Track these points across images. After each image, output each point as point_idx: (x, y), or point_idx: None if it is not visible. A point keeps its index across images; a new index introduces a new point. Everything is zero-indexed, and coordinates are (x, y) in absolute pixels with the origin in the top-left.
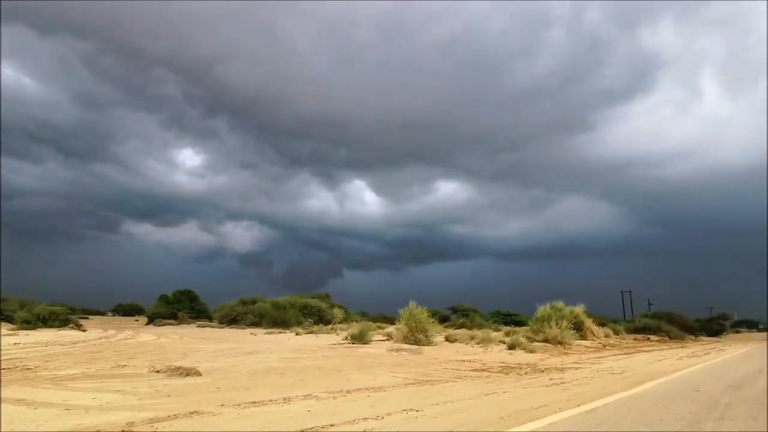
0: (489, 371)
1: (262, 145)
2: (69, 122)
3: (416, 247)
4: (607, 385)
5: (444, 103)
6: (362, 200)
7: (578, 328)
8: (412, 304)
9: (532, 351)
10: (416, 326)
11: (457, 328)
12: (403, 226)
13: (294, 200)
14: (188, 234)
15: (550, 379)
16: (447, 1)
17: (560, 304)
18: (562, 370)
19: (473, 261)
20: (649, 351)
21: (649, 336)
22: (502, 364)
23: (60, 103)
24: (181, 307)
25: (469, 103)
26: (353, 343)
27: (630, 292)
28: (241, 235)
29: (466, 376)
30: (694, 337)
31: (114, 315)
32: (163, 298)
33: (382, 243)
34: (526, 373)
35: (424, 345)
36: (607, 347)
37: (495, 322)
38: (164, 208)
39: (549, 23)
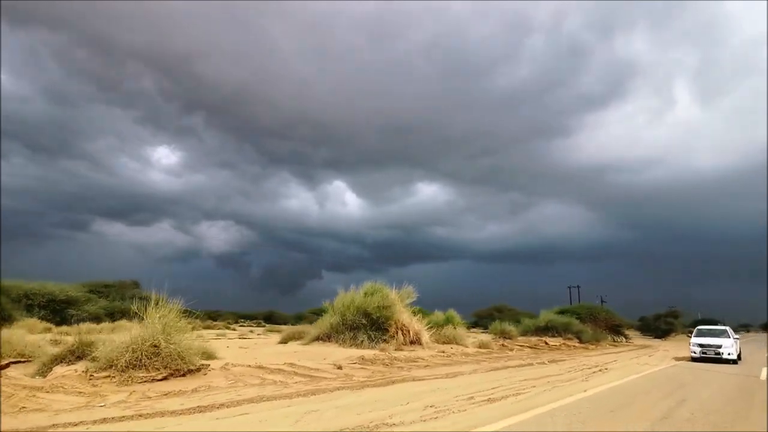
0: None
1: (241, 144)
2: (38, 117)
3: (396, 248)
4: None
5: (425, 106)
6: (343, 201)
7: (379, 328)
8: None
9: None
10: None
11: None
12: (383, 228)
13: (273, 200)
14: (162, 234)
15: None
16: (429, 4)
17: (378, 286)
18: None
19: (452, 263)
20: (410, 380)
21: (547, 340)
22: None
23: (28, 97)
24: None
25: (450, 106)
26: None
27: (578, 287)
28: (218, 236)
29: None
30: (624, 339)
31: None
32: None
33: (363, 244)
34: None
35: None
36: (356, 367)
37: None
38: (137, 207)
39: (530, 29)
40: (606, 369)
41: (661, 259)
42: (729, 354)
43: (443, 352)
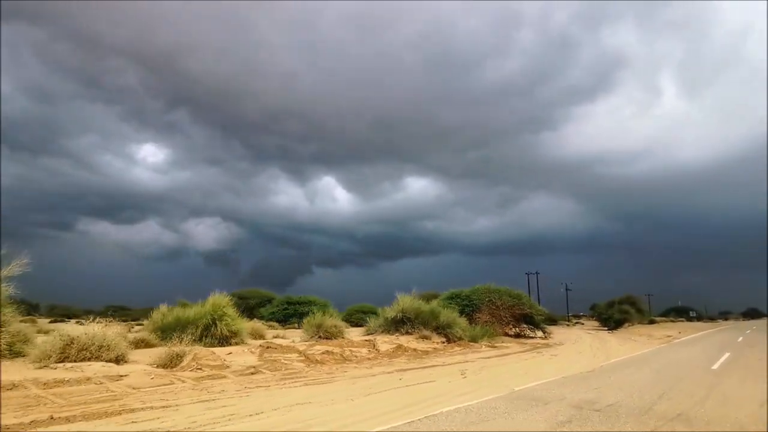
0: None
1: (228, 140)
2: (18, 114)
3: (386, 243)
4: None
5: (414, 100)
6: (332, 197)
7: None
8: None
9: None
10: None
11: None
12: (373, 223)
13: (262, 197)
14: (149, 232)
15: None
16: None
17: None
18: None
19: (443, 256)
20: None
21: (376, 342)
22: None
23: (8, 93)
24: None
25: (439, 100)
26: None
27: (537, 273)
28: (206, 233)
29: None
30: (542, 333)
31: None
32: None
33: (353, 240)
34: None
35: None
36: None
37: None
38: (123, 206)
39: (519, 23)
40: None
41: (647, 249)
42: None
43: None
